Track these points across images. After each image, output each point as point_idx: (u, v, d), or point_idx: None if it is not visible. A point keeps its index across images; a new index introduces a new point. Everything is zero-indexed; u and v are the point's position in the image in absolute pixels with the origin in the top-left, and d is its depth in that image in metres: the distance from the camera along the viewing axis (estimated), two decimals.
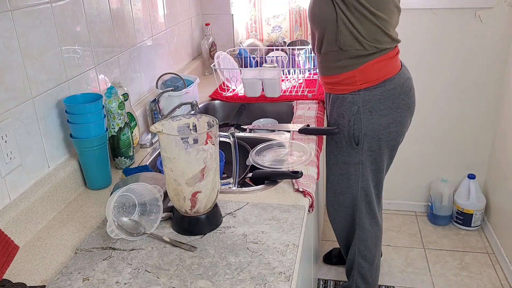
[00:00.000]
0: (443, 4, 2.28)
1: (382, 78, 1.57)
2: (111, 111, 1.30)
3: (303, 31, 2.35)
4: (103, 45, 1.45)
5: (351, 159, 1.69)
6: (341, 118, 1.63)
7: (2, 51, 1.02)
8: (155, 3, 1.85)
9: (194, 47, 2.34)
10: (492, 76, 2.39)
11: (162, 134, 0.96)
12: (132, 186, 1.04)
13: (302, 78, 2.08)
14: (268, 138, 1.57)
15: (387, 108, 1.59)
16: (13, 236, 1.02)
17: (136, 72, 1.69)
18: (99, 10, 1.42)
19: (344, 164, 1.71)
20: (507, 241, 2.29)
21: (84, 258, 0.97)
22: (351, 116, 1.61)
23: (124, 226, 1.03)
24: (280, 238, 1.01)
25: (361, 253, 1.89)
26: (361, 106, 1.58)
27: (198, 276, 0.90)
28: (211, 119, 1.01)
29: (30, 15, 1.11)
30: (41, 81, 1.16)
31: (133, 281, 0.90)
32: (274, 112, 1.91)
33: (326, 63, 1.61)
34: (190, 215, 1.03)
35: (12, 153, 1.06)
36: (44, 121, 1.18)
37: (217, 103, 1.96)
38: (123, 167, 1.37)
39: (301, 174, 1.22)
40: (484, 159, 2.58)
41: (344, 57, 1.55)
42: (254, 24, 2.38)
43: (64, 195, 1.20)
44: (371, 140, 1.64)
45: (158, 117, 1.60)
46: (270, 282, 0.87)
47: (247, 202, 1.16)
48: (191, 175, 0.97)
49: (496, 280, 2.22)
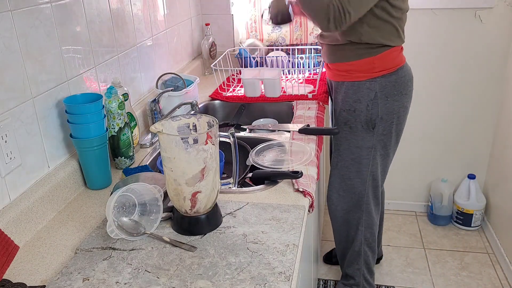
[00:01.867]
0: (443, 4, 2.28)
1: (397, 66, 1.67)
2: (111, 111, 1.30)
3: (303, 31, 2.35)
4: (103, 45, 1.45)
5: (364, 143, 1.74)
6: (358, 103, 1.68)
7: (2, 51, 1.02)
8: (155, 3, 1.85)
9: (194, 47, 2.35)
10: (492, 76, 2.39)
11: (162, 134, 0.96)
12: (132, 186, 1.04)
13: (302, 78, 2.08)
14: (268, 138, 1.57)
15: (398, 93, 1.68)
16: (13, 236, 1.02)
17: (136, 72, 1.69)
18: (99, 10, 1.42)
19: (356, 148, 1.76)
20: (507, 241, 2.29)
21: (84, 258, 0.97)
22: (369, 101, 1.67)
23: (124, 226, 1.03)
24: (280, 238, 1.01)
25: (367, 241, 1.91)
26: (379, 92, 1.66)
27: (198, 276, 0.90)
28: (211, 119, 1.01)
29: (30, 15, 1.11)
30: (41, 81, 1.16)
31: (133, 281, 0.90)
32: (274, 112, 1.91)
33: (342, 51, 1.66)
34: (190, 215, 1.03)
35: (12, 153, 1.06)
36: (44, 121, 1.18)
37: (217, 103, 1.96)
38: (123, 167, 1.37)
39: (301, 174, 1.22)
40: (484, 159, 2.58)
41: (364, 47, 1.62)
42: (254, 24, 2.38)
43: (64, 195, 1.20)
44: (385, 123, 1.71)
45: (158, 117, 1.60)
46: (270, 282, 0.87)
47: (247, 202, 1.16)
48: (191, 175, 0.98)
49: (496, 280, 2.22)
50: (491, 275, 2.26)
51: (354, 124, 1.72)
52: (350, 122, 1.72)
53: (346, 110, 1.72)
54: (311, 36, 2.34)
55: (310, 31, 2.33)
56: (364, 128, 1.71)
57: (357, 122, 1.71)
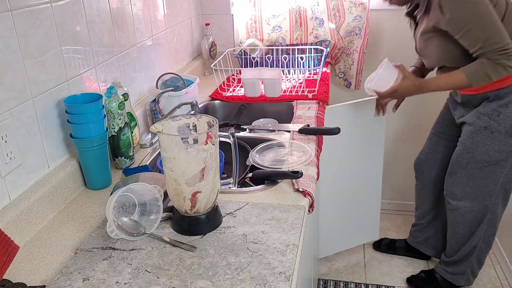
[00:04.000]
0: None
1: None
2: (111, 111, 1.30)
3: (303, 31, 2.35)
4: (103, 45, 1.45)
5: (506, 147, 1.73)
6: (504, 107, 1.67)
7: (2, 51, 1.03)
8: (155, 3, 1.85)
9: (194, 47, 2.35)
10: None
11: (162, 134, 0.96)
12: (132, 186, 1.04)
13: (302, 78, 2.08)
14: (268, 138, 1.57)
15: None
16: (13, 236, 1.02)
17: (136, 72, 1.69)
18: (99, 10, 1.42)
19: (496, 153, 1.74)
20: (507, 241, 2.29)
21: (84, 258, 0.97)
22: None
23: (124, 226, 1.03)
24: (280, 238, 1.01)
25: (486, 238, 1.94)
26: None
27: (198, 276, 0.90)
28: (211, 119, 1.01)
29: (30, 15, 1.11)
30: (41, 81, 1.16)
31: (133, 281, 0.90)
32: (274, 112, 1.91)
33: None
34: (190, 215, 1.03)
35: (12, 153, 1.06)
36: (44, 121, 1.18)
37: (217, 103, 1.96)
38: (123, 167, 1.37)
39: (301, 174, 1.22)
40: None
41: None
42: (254, 24, 2.38)
43: (64, 195, 1.20)
44: None
45: (158, 117, 1.60)
46: (270, 282, 0.87)
47: (247, 202, 1.16)
48: (191, 175, 0.98)
49: (496, 280, 2.22)
50: (491, 275, 2.26)
51: (497, 129, 1.70)
52: (492, 127, 1.71)
53: (488, 115, 1.70)
54: (311, 36, 2.34)
55: (310, 31, 2.33)
56: (508, 133, 1.69)
57: (501, 127, 1.69)
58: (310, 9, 2.30)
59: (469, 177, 1.83)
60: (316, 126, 1.64)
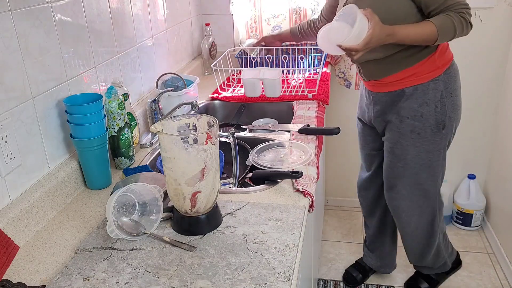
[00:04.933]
0: None
1: (452, 57, 1.65)
2: (111, 111, 1.30)
3: None
4: (103, 45, 1.45)
5: (435, 146, 1.69)
6: (425, 106, 1.63)
7: (2, 51, 1.03)
8: (155, 3, 1.85)
9: (194, 47, 2.35)
10: (492, 76, 2.39)
11: (162, 134, 0.96)
12: (132, 186, 1.04)
13: (302, 78, 2.08)
14: (268, 138, 1.57)
15: (458, 87, 1.68)
16: (13, 236, 1.02)
17: (136, 72, 1.69)
18: (99, 10, 1.42)
19: (427, 153, 1.71)
20: (507, 241, 2.29)
21: (84, 258, 0.97)
22: (436, 102, 1.63)
23: (124, 226, 1.03)
24: (280, 238, 1.01)
25: (442, 230, 1.97)
26: (444, 90, 1.62)
27: (198, 276, 0.90)
28: (211, 119, 1.01)
29: (30, 15, 1.11)
30: (41, 81, 1.16)
31: (133, 281, 0.90)
32: (274, 112, 1.91)
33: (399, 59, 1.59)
34: (190, 215, 1.03)
35: (12, 153, 1.06)
36: (44, 121, 1.18)
37: (217, 103, 1.96)
38: (123, 167, 1.37)
39: (301, 174, 1.22)
40: (484, 159, 2.57)
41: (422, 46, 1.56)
42: (254, 24, 2.38)
43: (64, 195, 1.20)
44: (453, 121, 1.68)
45: (158, 117, 1.60)
46: (270, 282, 0.87)
47: (247, 202, 1.16)
48: (191, 175, 0.98)
49: (496, 280, 2.22)
50: (491, 275, 2.26)
51: (422, 129, 1.66)
52: (418, 128, 1.66)
53: (411, 117, 1.65)
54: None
55: None
56: (434, 131, 1.66)
57: (426, 127, 1.65)
58: (310, 9, 2.30)
59: (410, 185, 1.77)
60: (316, 126, 1.64)
